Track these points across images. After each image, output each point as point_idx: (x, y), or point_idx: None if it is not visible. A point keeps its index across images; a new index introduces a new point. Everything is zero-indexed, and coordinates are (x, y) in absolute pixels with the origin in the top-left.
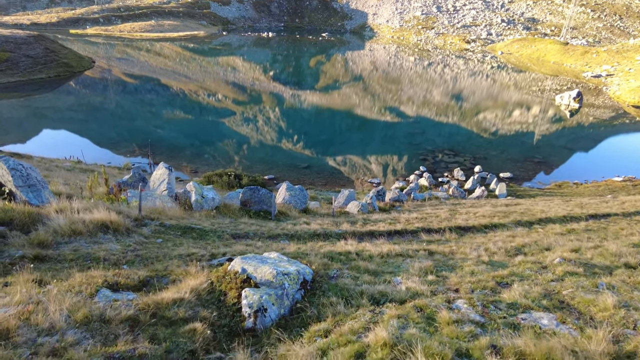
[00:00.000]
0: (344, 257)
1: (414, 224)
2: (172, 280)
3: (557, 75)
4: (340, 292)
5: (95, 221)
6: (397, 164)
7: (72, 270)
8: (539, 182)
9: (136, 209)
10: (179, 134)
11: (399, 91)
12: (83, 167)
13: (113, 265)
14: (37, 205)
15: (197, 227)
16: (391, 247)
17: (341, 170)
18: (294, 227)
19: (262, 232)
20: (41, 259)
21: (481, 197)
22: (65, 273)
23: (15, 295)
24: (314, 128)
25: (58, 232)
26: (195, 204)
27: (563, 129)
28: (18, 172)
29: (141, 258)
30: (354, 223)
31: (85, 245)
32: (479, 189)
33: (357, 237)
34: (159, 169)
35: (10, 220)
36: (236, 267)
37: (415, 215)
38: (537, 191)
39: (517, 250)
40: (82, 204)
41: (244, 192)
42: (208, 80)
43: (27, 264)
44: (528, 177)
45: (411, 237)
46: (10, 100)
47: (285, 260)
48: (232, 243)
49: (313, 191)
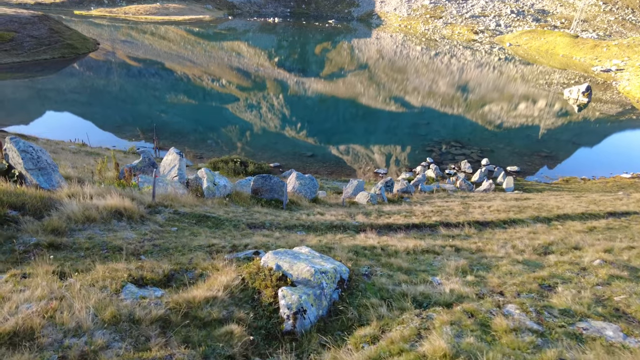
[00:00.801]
0: (369, 252)
1: (430, 217)
2: (199, 275)
3: (566, 68)
4: (379, 293)
5: (108, 207)
6: (402, 155)
7: (88, 260)
8: (546, 176)
9: (148, 195)
10: (182, 119)
11: (404, 81)
12: (88, 150)
13: (131, 256)
14: (48, 189)
15: (212, 215)
16: (417, 242)
17: (345, 159)
18: (309, 218)
19: (278, 222)
20: (56, 246)
21: (488, 190)
22: (83, 263)
23: (36, 289)
24: (317, 116)
25: (72, 218)
26: (206, 191)
27: (571, 123)
28: (28, 155)
29: (159, 248)
30: (367, 214)
31: (100, 233)
32: (487, 182)
33: (376, 230)
34: (169, 154)
35: (23, 205)
36: (270, 263)
37: (429, 208)
38: (544, 186)
39: (545, 248)
40: (94, 189)
41: (255, 180)
42: (212, 65)
43: (42, 252)
44: (535, 171)
45: (429, 231)
46: (14, 80)
47: (318, 257)
48: (250, 233)
49: (319, 180)
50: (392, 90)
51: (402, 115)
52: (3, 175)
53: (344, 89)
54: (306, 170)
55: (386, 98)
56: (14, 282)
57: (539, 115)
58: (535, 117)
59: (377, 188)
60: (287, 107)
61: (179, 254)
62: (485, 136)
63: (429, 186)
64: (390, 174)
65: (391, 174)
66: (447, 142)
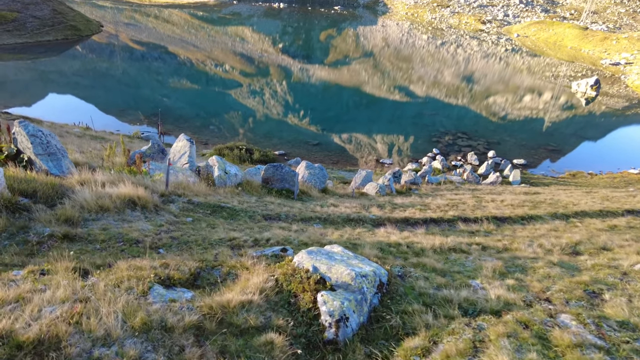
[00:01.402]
0: (395, 250)
1: (447, 211)
2: (226, 273)
3: (574, 61)
4: (420, 298)
5: (122, 196)
6: (405, 145)
7: (105, 254)
8: (552, 170)
9: (161, 183)
10: (185, 104)
11: (409, 70)
12: (93, 134)
13: (149, 249)
14: (58, 175)
15: (226, 205)
16: (442, 239)
17: (347, 148)
18: (323, 210)
19: (294, 214)
20: (70, 238)
21: (495, 182)
22: (101, 257)
23: (57, 289)
24: (321, 104)
25: (85, 207)
26: (218, 180)
27: (578, 117)
28: (38, 139)
29: (178, 241)
30: (381, 207)
31: (114, 224)
32: (494, 175)
33: (394, 224)
34: (179, 140)
35: (34, 192)
36: (305, 264)
37: (442, 202)
38: (551, 179)
39: (572, 248)
40: (106, 176)
41: (266, 169)
42: (216, 50)
43: (57, 243)
44: (541, 165)
45: (447, 225)
46: (17, 62)
47: (353, 257)
48: (267, 226)
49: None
50: (397, 79)
51: (406, 104)
52: (12, 160)
53: (348, 77)
54: (311, 159)
55: (390, 87)
56: (32, 280)
57: (545, 108)
58: (542, 110)
59: (385, 179)
60: (290, 94)
61: (200, 249)
62: (492, 128)
63: (436, 178)
64: (394, 164)
65: (395, 164)
66: (453, 133)
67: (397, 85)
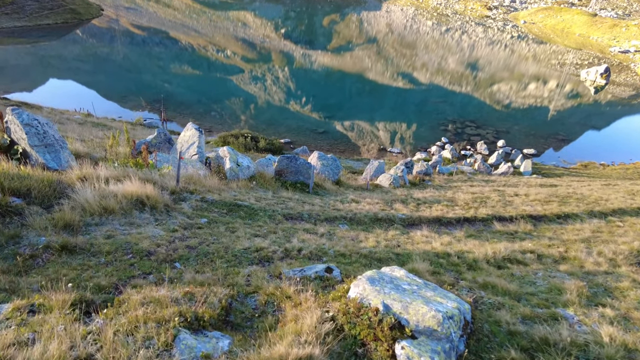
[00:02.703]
0: (445, 262)
1: (476, 208)
2: (264, 304)
3: (581, 48)
4: (513, 339)
5: (128, 195)
6: (410, 133)
7: (111, 270)
8: (563, 160)
9: (170, 177)
10: (186, 90)
11: (413, 56)
12: (94, 120)
13: (163, 263)
14: (56, 169)
15: (243, 204)
16: (494, 247)
17: (350, 135)
18: (344, 206)
19: (316, 212)
20: (70, 250)
21: (507, 173)
22: (106, 275)
23: (50, 340)
24: (323, 90)
25: (86, 209)
26: (229, 173)
27: (587, 106)
28: (33, 129)
29: (197, 252)
30: (404, 202)
31: (121, 229)
32: (505, 165)
33: (427, 225)
34: (187, 129)
35: (28, 191)
36: (372, 300)
37: (467, 196)
38: (562, 170)
39: (636, 258)
40: (110, 170)
41: (279, 161)
42: (217, 36)
43: (54, 257)
44: (550, 154)
45: (482, 225)
46: (16, 46)
47: (422, 285)
48: (291, 228)
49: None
50: (401, 66)
51: (409, 91)
52: (4, 152)
53: (351, 63)
54: (317, 148)
55: (394, 74)
56: (17, 323)
57: (552, 97)
58: (549, 98)
59: (398, 170)
60: (292, 80)
61: (223, 262)
62: (500, 116)
63: (447, 168)
64: (406, 154)
65: (405, 153)
66: (461, 121)
67: (401, 72)
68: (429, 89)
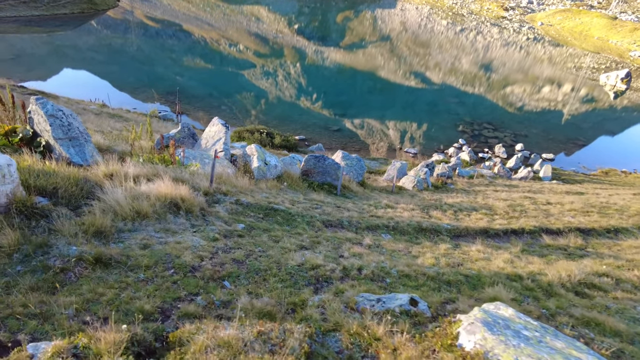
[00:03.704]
0: (518, 285)
1: (516, 218)
2: (349, 347)
3: (599, 52)
4: None
5: (162, 197)
6: (425, 133)
7: (152, 289)
8: (582, 166)
9: (198, 176)
10: (197, 83)
11: (426, 56)
12: (110, 111)
13: (210, 282)
14: (80, 164)
15: (280, 208)
16: (567, 268)
17: (359, 133)
18: (380, 212)
19: (356, 220)
20: (105, 263)
21: (526, 178)
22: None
23: None
24: (334, 87)
25: (117, 213)
26: (257, 172)
27: (607, 111)
28: (58, 121)
29: (246, 268)
30: (440, 209)
31: (157, 237)
32: (525, 170)
33: (475, 237)
34: (212, 124)
35: (54, 190)
36: (501, 356)
37: (503, 204)
38: (582, 177)
39: None
40: (138, 167)
41: (306, 161)
42: (230, 30)
43: (87, 271)
44: (569, 160)
45: (530, 238)
46: (32, 35)
47: (539, 328)
48: (335, 238)
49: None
50: (413, 65)
51: (421, 91)
52: (27, 144)
53: (363, 61)
54: (332, 146)
55: (406, 72)
56: None
57: (570, 101)
58: (567, 103)
59: (421, 172)
60: (303, 76)
61: (277, 281)
62: (517, 119)
63: (466, 171)
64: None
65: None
66: (478, 123)
67: (413, 71)
68: (441, 88)
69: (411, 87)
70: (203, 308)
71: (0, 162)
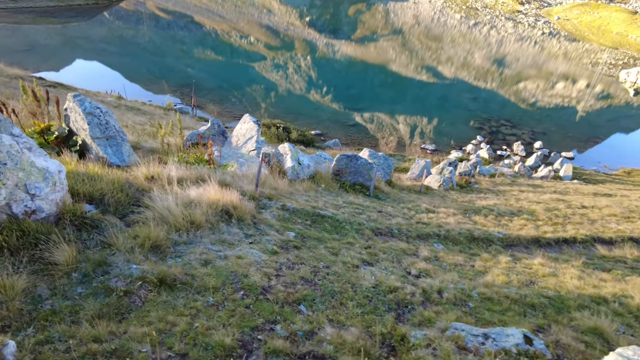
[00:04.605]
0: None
1: (562, 224)
2: None
3: (617, 47)
4: None
5: (213, 204)
6: (435, 129)
7: (225, 315)
8: (603, 165)
9: (238, 177)
10: (208, 75)
11: (439, 50)
12: (128, 104)
13: (285, 306)
14: (118, 165)
15: (326, 214)
16: None
17: (369, 127)
18: (424, 218)
19: (406, 228)
20: (170, 285)
21: (547, 177)
22: (220, 322)
23: None
24: (344, 81)
25: (170, 223)
26: (291, 172)
27: (627, 108)
28: (96, 119)
29: (321, 291)
30: (480, 213)
31: (214, 250)
32: (545, 169)
33: (527, 247)
34: (243, 122)
35: (101, 197)
36: None
37: (537, 207)
38: (604, 176)
39: None
40: (181, 170)
41: (338, 160)
42: (242, 22)
43: (152, 295)
44: (591, 159)
45: (582, 248)
46: (47, 26)
47: None
48: (391, 250)
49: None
50: (425, 59)
51: (432, 85)
52: (62, 143)
53: (374, 54)
54: (348, 142)
55: (418, 67)
56: None
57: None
58: (585, 99)
59: (446, 171)
60: (314, 69)
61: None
62: (535, 116)
63: (487, 169)
64: (415, 147)
65: (414, 147)
66: (497, 120)
67: (425, 65)
68: (453, 83)
69: (422, 82)
70: (285, 339)
71: (51, 169)
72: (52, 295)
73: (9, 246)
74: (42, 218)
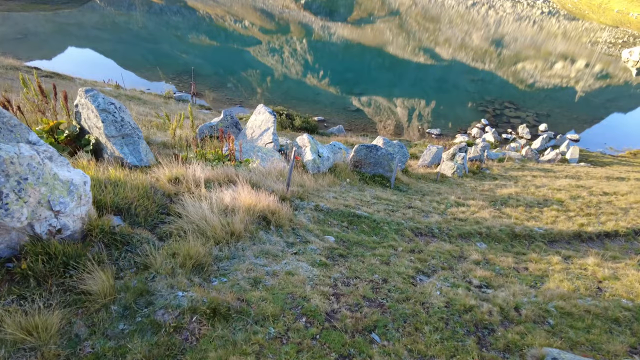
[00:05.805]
0: None
1: (595, 215)
2: None
3: (618, 26)
4: None
5: (249, 210)
6: (426, 110)
7: (291, 352)
8: (609, 147)
9: (263, 175)
10: (203, 61)
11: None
12: (127, 93)
13: (355, 334)
14: (136, 165)
15: (362, 214)
16: None
17: (366, 111)
18: (458, 212)
19: (447, 227)
20: (224, 315)
21: (554, 160)
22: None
23: None
24: (341, 64)
25: (207, 234)
26: (311, 165)
27: (630, 88)
28: (110, 116)
29: (390, 314)
30: (507, 204)
31: (260, 265)
32: (552, 152)
33: (569, 244)
34: (258, 113)
35: (128, 206)
36: None
37: (563, 196)
38: (610, 158)
39: None
40: (207, 170)
41: (357, 151)
42: (236, 5)
43: (206, 328)
44: (596, 141)
45: (624, 242)
46: (38, 13)
47: None
48: (440, 254)
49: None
50: (422, 41)
51: (430, 67)
52: (73, 142)
53: (371, 36)
54: (352, 128)
55: (415, 48)
56: None
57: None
58: (586, 80)
59: (459, 157)
60: (310, 53)
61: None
62: (538, 98)
63: (495, 153)
64: (413, 130)
65: (412, 130)
66: (500, 102)
67: (422, 46)
68: (451, 65)
69: (420, 64)
70: None
71: (75, 180)
72: (91, 334)
73: (35, 274)
74: (68, 236)
